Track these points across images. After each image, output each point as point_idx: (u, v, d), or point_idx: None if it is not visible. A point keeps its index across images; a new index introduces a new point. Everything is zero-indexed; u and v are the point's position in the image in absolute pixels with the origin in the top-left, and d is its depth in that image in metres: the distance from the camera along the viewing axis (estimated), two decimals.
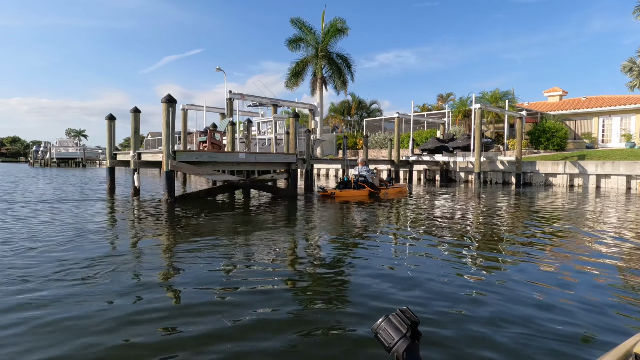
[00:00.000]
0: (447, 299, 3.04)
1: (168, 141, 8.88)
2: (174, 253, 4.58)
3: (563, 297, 3.13)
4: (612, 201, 11.01)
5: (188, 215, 7.65)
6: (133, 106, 11.23)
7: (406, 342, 0.82)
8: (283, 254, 4.62)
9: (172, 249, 4.78)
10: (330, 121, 35.87)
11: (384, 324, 0.85)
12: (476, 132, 15.32)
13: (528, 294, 3.17)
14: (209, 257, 4.29)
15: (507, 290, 3.27)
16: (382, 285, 3.40)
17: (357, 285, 3.46)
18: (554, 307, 2.89)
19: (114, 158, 12.18)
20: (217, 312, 2.77)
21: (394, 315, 0.86)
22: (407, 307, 0.89)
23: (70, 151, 42.56)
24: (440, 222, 7.16)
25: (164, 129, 8.93)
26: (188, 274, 3.67)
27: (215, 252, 4.53)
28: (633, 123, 22.20)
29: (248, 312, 2.78)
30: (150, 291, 3.18)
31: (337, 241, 5.50)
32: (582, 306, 2.91)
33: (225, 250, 4.61)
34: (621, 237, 5.83)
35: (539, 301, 3.02)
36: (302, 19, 26.12)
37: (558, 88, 29.63)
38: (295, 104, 16.48)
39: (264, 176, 11.07)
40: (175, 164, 8.94)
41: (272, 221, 7.00)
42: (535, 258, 4.43)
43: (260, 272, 3.78)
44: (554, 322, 2.61)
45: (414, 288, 3.32)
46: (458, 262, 4.29)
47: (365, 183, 11.40)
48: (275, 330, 2.50)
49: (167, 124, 8.90)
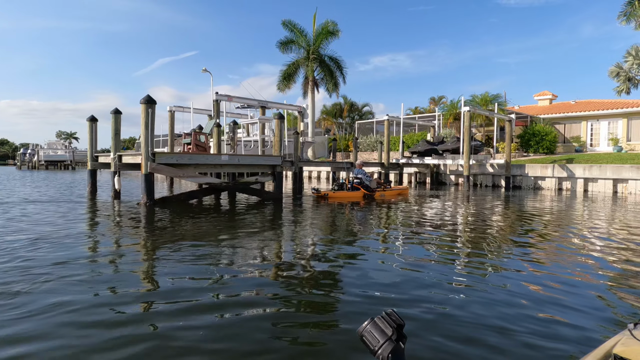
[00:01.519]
0: (434, 302, 3.03)
1: (147, 143, 8.66)
2: (148, 259, 4.37)
3: (548, 297, 3.17)
4: (598, 205, 10.98)
5: (166, 218, 7.43)
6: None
7: (391, 345, 0.81)
8: (262, 258, 4.44)
9: (146, 255, 4.57)
10: (323, 124, 35.78)
11: (370, 327, 0.84)
12: (465, 134, 15.28)
13: (514, 295, 3.20)
14: (184, 262, 4.11)
15: (494, 292, 3.29)
16: (368, 287, 3.38)
17: (343, 288, 3.42)
18: (539, 308, 2.91)
19: (95, 160, 11.92)
20: (194, 326, 2.58)
21: (379, 318, 0.86)
22: (393, 309, 0.88)
23: (59, 154, 41.87)
24: (426, 225, 7.03)
25: (142, 130, 8.71)
26: (162, 279, 3.48)
27: (191, 257, 4.34)
28: (620, 127, 22.38)
29: (230, 316, 2.73)
30: (121, 301, 2.99)
31: (320, 244, 5.39)
32: (567, 307, 2.94)
33: (202, 256, 4.41)
34: (608, 239, 5.74)
35: (524, 302, 3.05)
36: (293, 21, 26.06)
37: (548, 92, 29.87)
38: (284, 106, 16.31)
39: (248, 179, 10.87)
40: (155, 166, 8.72)
41: (252, 225, 6.81)
42: (521, 261, 4.40)
43: (236, 276, 3.59)
44: (538, 323, 2.64)
45: (401, 290, 3.31)
46: (445, 265, 4.28)
47: (360, 185, 11.52)
48: (260, 334, 2.47)
49: (146, 125, 8.68)
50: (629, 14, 16.50)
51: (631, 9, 16.44)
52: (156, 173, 8.98)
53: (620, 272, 4.02)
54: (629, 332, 1.15)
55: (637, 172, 14.40)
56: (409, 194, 13.29)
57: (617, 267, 4.20)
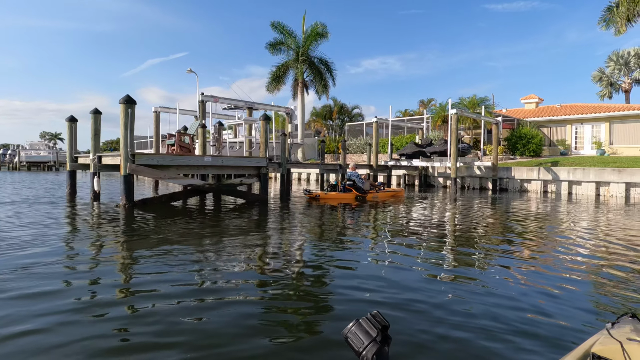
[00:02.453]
0: (419, 303, 3.03)
1: (126, 143, 8.42)
2: (123, 264, 4.17)
3: (530, 297, 3.21)
4: (580, 207, 11.09)
5: (145, 221, 7.20)
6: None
7: (375, 346, 0.82)
8: (242, 262, 4.28)
9: (121, 259, 4.36)
10: (313, 125, 35.68)
11: (355, 328, 0.85)
12: (452, 137, 15.34)
13: (497, 296, 3.24)
14: (161, 267, 3.94)
15: (479, 293, 3.32)
16: (354, 289, 3.38)
17: (327, 290, 3.41)
18: (521, 308, 2.96)
19: (75, 161, 11.58)
20: (175, 331, 2.46)
21: (364, 319, 0.86)
22: (378, 311, 0.89)
23: (42, 154, 40.82)
24: (412, 226, 6.95)
25: (121, 130, 8.47)
26: (137, 285, 3.29)
27: (169, 262, 4.16)
28: (603, 131, 22.80)
29: (214, 319, 2.67)
30: (94, 308, 2.80)
31: (304, 246, 5.30)
32: (548, 307, 2.98)
33: (180, 260, 4.23)
34: (589, 240, 5.74)
35: (507, 302, 3.09)
36: (282, 23, 25.96)
37: (534, 95, 30.30)
38: (272, 107, 16.14)
39: (233, 180, 10.67)
40: (134, 167, 8.48)
41: (233, 228, 6.63)
42: (505, 263, 4.41)
43: (215, 283, 3.43)
44: (520, 323, 2.67)
45: (386, 292, 3.30)
46: (430, 266, 4.30)
47: (353, 187, 11.71)
48: (245, 337, 2.44)
49: (125, 125, 8.44)
50: (608, 20, 16.83)
51: (610, 15, 16.76)
52: (136, 174, 8.73)
53: (600, 273, 4.04)
54: (607, 332, 1.18)
55: (618, 175, 14.63)
56: (403, 196, 13.39)
57: (596, 269, 4.22)
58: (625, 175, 14.49)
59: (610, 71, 33.28)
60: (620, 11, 16.94)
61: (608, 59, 33.52)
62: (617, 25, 17.32)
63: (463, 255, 4.93)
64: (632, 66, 32.02)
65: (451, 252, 5.06)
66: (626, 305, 3.07)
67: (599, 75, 33.86)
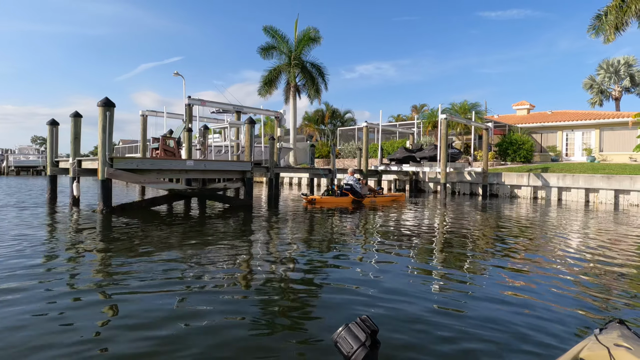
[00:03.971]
0: (408, 307, 3.05)
1: (104, 147, 8.21)
2: (94, 271, 3.95)
3: (519, 303, 3.24)
4: (570, 214, 11.01)
5: (121, 227, 6.97)
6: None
7: (364, 350, 0.82)
8: (221, 269, 4.10)
9: (91, 267, 4.14)
10: (305, 130, 35.58)
11: (344, 333, 0.86)
12: (442, 142, 15.26)
13: (487, 301, 3.26)
14: (133, 275, 3.75)
15: (467, 298, 3.34)
16: (343, 294, 3.39)
17: (316, 294, 3.42)
18: (511, 313, 2.99)
19: (56, 166, 11.32)
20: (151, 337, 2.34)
21: (353, 324, 0.87)
22: (368, 315, 0.90)
23: (31, 159, 40.23)
24: (400, 232, 6.79)
25: (99, 134, 8.25)
26: (114, 293, 3.08)
27: (142, 271, 3.97)
28: (593, 138, 22.92)
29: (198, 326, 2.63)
30: (64, 318, 2.60)
31: (289, 251, 5.20)
32: (537, 312, 3.01)
33: (153, 269, 4.02)
34: (578, 247, 5.62)
35: (497, 307, 3.12)
36: (275, 27, 25.94)
37: (526, 102, 30.49)
38: (261, 111, 15.99)
39: (216, 185, 10.47)
40: (112, 171, 8.26)
41: (212, 234, 6.42)
42: (494, 270, 4.40)
43: (189, 289, 3.23)
44: (509, 328, 2.70)
45: (375, 296, 3.30)
46: (419, 271, 4.29)
47: (350, 191, 11.94)
48: (231, 341, 2.43)
49: (103, 128, 8.23)
50: (598, 28, 16.93)
51: (599, 23, 16.87)
52: (114, 179, 8.50)
53: (589, 279, 4.06)
54: (595, 337, 1.20)
55: (607, 182, 14.62)
56: (404, 201, 13.59)
57: (584, 275, 4.24)
58: (614, 182, 14.48)
59: (601, 79, 33.63)
60: (609, 19, 17.06)
61: (599, 67, 33.89)
62: (606, 33, 17.42)
63: (451, 261, 4.94)
64: (622, 74, 32.37)
65: (439, 258, 5.08)
66: (614, 311, 3.10)
67: (589, 82, 34.19)
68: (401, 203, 13.02)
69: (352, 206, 11.30)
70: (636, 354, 1.05)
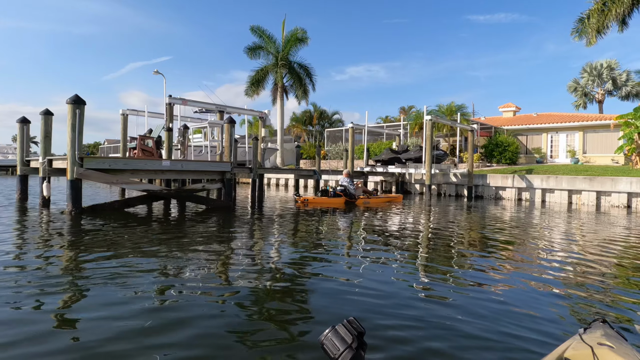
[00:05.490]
0: (395, 309, 3.04)
1: (74, 146, 7.88)
2: (52, 278, 3.66)
3: (504, 304, 3.24)
4: (553, 216, 11.01)
5: (90, 229, 6.65)
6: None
7: (351, 352, 0.83)
8: (196, 275, 3.85)
9: (49, 273, 3.85)
10: (293, 131, 35.35)
11: (331, 335, 0.86)
12: (427, 143, 15.22)
13: (471, 303, 3.24)
14: (95, 282, 3.45)
15: (454, 299, 3.35)
16: (330, 296, 3.37)
17: (302, 296, 3.39)
18: (495, 314, 2.98)
19: (26, 165, 10.89)
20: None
21: (340, 326, 0.88)
22: (354, 317, 0.91)
23: (10, 158, 39.13)
24: (382, 233, 6.62)
25: (69, 132, 7.92)
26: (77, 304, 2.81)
27: (105, 277, 3.69)
28: (577, 140, 23.22)
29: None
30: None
31: (272, 253, 5.07)
32: (523, 313, 3.01)
33: (116, 274, 3.76)
34: (562, 248, 5.55)
35: (481, 308, 3.11)
36: (262, 27, 25.69)
37: (512, 104, 30.81)
38: (245, 111, 15.73)
39: (194, 186, 10.19)
40: (83, 171, 7.93)
41: (185, 237, 6.15)
42: (478, 272, 4.34)
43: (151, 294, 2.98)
44: (494, 329, 2.69)
45: (363, 298, 3.30)
46: (403, 273, 4.29)
47: (343, 192, 12.10)
48: (219, 347, 2.38)
49: (72, 127, 7.90)
50: (580, 31, 17.13)
51: (582, 26, 17.07)
52: (85, 179, 8.17)
53: (573, 280, 4.09)
54: (579, 337, 1.21)
55: (589, 184, 14.75)
56: (401, 202, 13.73)
57: (569, 276, 4.26)
58: (595, 184, 14.61)
59: (585, 82, 34.20)
60: (591, 22, 17.28)
61: (582, 70, 34.46)
62: (588, 36, 17.64)
63: (437, 262, 4.92)
64: (605, 77, 32.96)
65: (424, 259, 5.04)
66: (598, 310, 3.14)
67: (574, 85, 34.75)
68: (398, 203, 13.12)
69: (345, 207, 11.43)
70: (618, 352, 1.07)
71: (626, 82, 32.59)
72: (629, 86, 32.55)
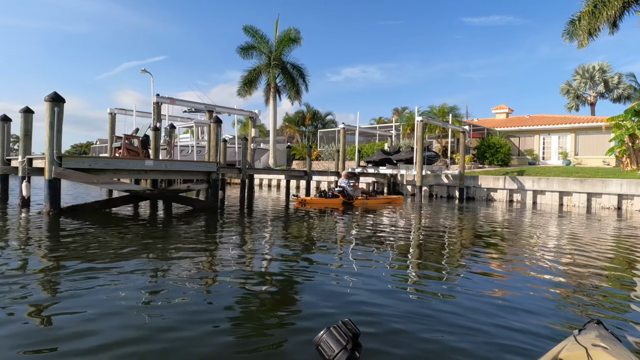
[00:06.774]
0: (390, 310, 3.02)
1: (52, 145, 7.66)
2: (28, 283, 3.46)
3: (499, 305, 3.22)
4: (544, 217, 10.95)
5: (67, 231, 6.43)
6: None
7: (346, 354, 0.83)
8: (183, 275, 3.68)
9: (19, 277, 3.64)
10: (285, 131, 35.18)
11: (325, 336, 0.86)
12: (418, 144, 15.12)
13: (465, 304, 3.23)
14: (70, 287, 3.24)
15: (447, 300, 3.34)
16: (324, 298, 3.32)
17: (296, 298, 3.35)
18: (490, 315, 2.96)
19: (7, 164, 10.61)
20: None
21: (335, 327, 0.88)
22: (349, 319, 0.91)
23: None
24: (371, 235, 6.47)
25: (47, 130, 7.70)
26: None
27: (82, 280, 3.48)
28: (569, 142, 23.30)
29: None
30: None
31: (263, 255, 4.98)
32: (518, 315, 3.00)
33: (92, 278, 3.56)
34: (555, 250, 5.43)
35: (475, 310, 3.09)
36: (255, 27, 25.55)
37: (505, 106, 30.90)
38: (235, 111, 15.54)
39: (179, 186, 9.99)
40: (61, 171, 7.70)
41: (165, 239, 5.96)
42: (471, 272, 4.33)
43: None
44: (489, 330, 2.68)
45: (357, 300, 3.27)
46: (396, 274, 4.25)
47: (341, 193, 12.21)
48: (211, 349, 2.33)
49: (51, 125, 7.68)
50: (572, 33, 17.17)
51: (573, 28, 17.11)
52: (64, 179, 7.94)
53: (567, 281, 4.07)
54: (574, 338, 1.22)
55: (580, 186, 14.74)
56: (401, 203, 13.72)
57: (562, 277, 4.23)
58: (586, 186, 14.60)
59: (577, 84, 34.43)
60: (582, 25, 17.33)
61: (575, 72, 34.71)
62: (579, 38, 17.69)
63: (429, 263, 4.88)
64: (597, 80, 33.19)
65: (417, 261, 4.99)
66: (593, 312, 3.14)
67: (566, 87, 34.97)
68: (399, 205, 13.15)
69: (342, 207, 11.48)
70: (612, 353, 1.08)
71: (618, 84, 32.84)
72: (621, 89, 32.80)
